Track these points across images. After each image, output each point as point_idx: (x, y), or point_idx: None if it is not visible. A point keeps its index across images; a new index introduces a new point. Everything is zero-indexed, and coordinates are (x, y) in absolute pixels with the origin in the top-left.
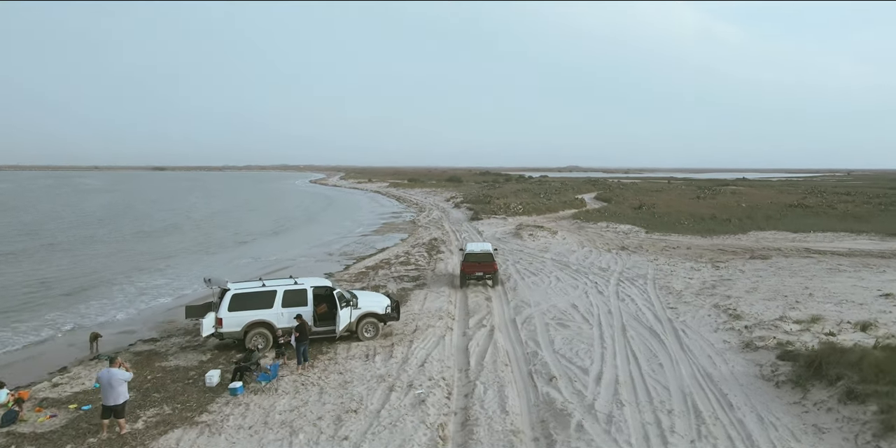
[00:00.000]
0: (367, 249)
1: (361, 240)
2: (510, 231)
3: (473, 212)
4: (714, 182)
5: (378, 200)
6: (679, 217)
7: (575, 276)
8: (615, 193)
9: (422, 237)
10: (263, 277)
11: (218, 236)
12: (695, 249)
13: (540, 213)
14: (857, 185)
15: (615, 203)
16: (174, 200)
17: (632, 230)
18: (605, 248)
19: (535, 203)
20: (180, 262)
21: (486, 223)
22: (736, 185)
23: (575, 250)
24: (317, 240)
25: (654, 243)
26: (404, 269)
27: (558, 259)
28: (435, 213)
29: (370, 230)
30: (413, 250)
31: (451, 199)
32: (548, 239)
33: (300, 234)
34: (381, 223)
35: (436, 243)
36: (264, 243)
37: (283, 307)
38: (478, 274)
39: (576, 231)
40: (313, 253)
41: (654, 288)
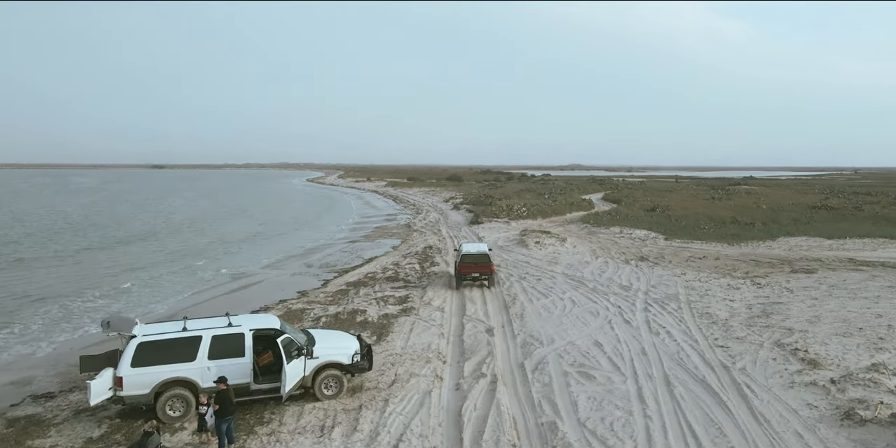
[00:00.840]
0: (352, 260)
1: (349, 247)
2: (514, 237)
3: (473, 214)
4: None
5: (373, 201)
6: (698, 220)
7: (593, 298)
8: (624, 194)
9: (416, 244)
10: (189, 316)
11: (194, 244)
12: (725, 260)
13: (545, 217)
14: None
15: (626, 204)
16: (162, 201)
17: (648, 236)
18: (622, 258)
19: (539, 205)
20: (141, 276)
21: (486, 227)
22: (747, 184)
23: (588, 262)
24: (300, 247)
25: (676, 252)
26: (390, 288)
27: (571, 274)
28: (432, 215)
29: (360, 235)
30: (404, 261)
31: (451, 200)
32: (556, 247)
33: (283, 241)
34: (373, 227)
35: (430, 252)
36: (242, 251)
37: (210, 359)
38: (474, 275)
39: (586, 237)
40: (291, 264)
41: (691, 314)
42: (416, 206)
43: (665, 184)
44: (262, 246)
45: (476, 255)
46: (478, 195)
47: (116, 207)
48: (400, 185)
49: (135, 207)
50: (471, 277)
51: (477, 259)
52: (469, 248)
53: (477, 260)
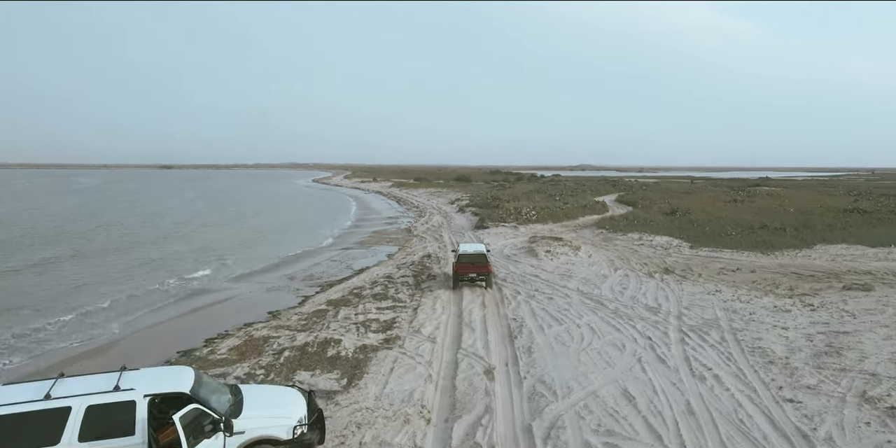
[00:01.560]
0: (340, 270)
1: (340, 256)
2: (522, 245)
3: (479, 218)
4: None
5: (375, 202)
6: (723, 226)
7: (616, 324)
8: (639, 196)
9: (414, 252)
10: (67, 372)
11: (173, 251)
12: (762, 273)
13: (556, 220)
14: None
15: (642, 207)
16: (156, 202)
17: (671, 244)
18: (645, 270)
19: (550, 208)
20: (85, 295)
21: (492, 233)
22: (766, 185)
23: (607, 275)
24: (286, 255)
25: (704, 263)
26: (376, 308)
27: (587, 291)
28: (435, 218)
29: (355, 241)
30: (397, 273)
31: (456, 202)
32: (570, 257)
33: (271, 247)
34: (370, 232)
35: (428, 263)
36: (222, 260)
37: (82, 441)
38: (471, 275)
39: (602, 245)
40: (271, 276)
41: (740, 349)
42: (419, 209)
43: (680, 185)
44: (247, 253)
45: (473, 255)
46: (485, 197)
47: (108, 209)
48: (405, 185)
49: (127, 209)
50: (468, 278)
51: (474, 259)
52: (466, 248)
53: (474, 260)
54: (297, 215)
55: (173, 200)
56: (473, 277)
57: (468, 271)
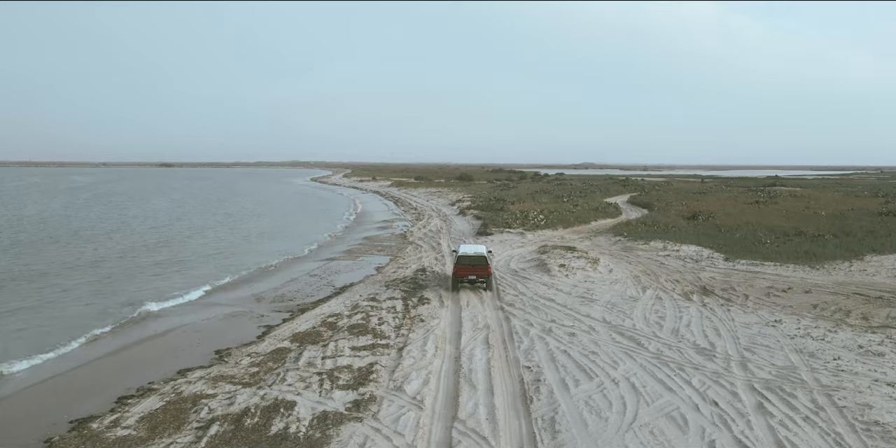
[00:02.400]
0: (318, 289)
1: (322, 268)
2: (531, 256)
3: (482, 222)
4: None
5: (372, 204)
6: (753, 232)
7: (664, 377)
8: (653, 197)
9: (406, 264)
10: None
11: (142, 262)
12: (819, 294)
13: (567, 226)
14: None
15: (659, 210)
16: (142, 204)
17: (702, 255)
18: (679, 289)
19: (559, 211)
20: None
21: (497, 240)
22: (782, 184)
23: (636, 297)
24: (262, 266)
25: (747, 280)
26: (351, 348)
27: (618, 323)
28: (434, 222)
29: (342, 250)
30: (384, 294)
31: (457, 203)
32: (588, 272)
33: (247, 256)
34: (361, 238)
35: (422, 280)
36: (187, 273)
37: None
38: (471, 277)
39: (622, 256)
40: (236, 295)
41: (848, 424)
42: (417, 211)
43: (690, 184)
44: (219, 264)
45: (473, 257)
46: (487, 198)
47: (87, 212)
48: (405, 185)
49: (108, 212)
50: (468, 280)
51: (474, 261)
52: (466, 249)
53: (474, 262)
54: (286, 218)
55: (161, 201)
56: (473, 280)
57: (468, 273)
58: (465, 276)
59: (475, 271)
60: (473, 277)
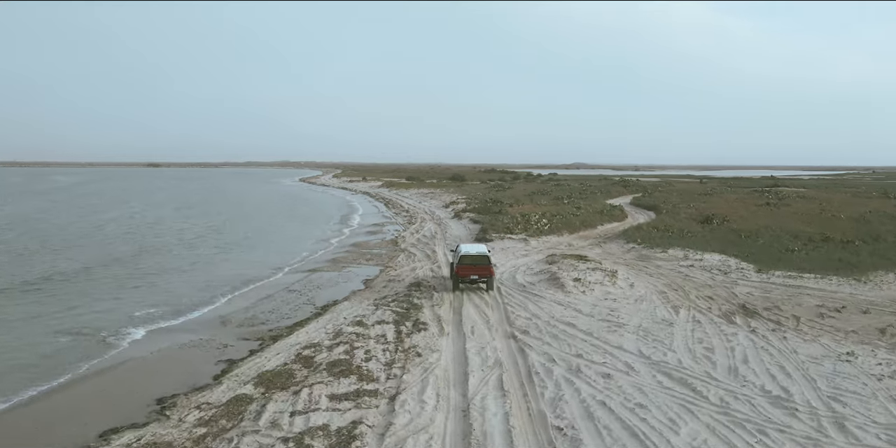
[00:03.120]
0: (295, 309)
1: (302, 283)
2: (539, 267)
3: (480, 227)
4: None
5: (361, 206)
6: (777, 238)
7: (742, 444)
8: (657, 198)
9: (399, 277)
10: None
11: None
12: (879, 314)
13: (573, 230)
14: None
15: (667, 213)
16: (118, 206)
17: (729, 265)
18: (716, 309)
19: (562, 214)
20: None
21: (498, 247)
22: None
23: (670, 320)
24: (235, 280)
25: (790, 297)
26: (329, 398)
27: (659, 358)
28: (427, 226)
29: (326, 259)
30: (372, 317)
31: (451, 206)
32: (607, 288)
33: (220, 269)
34: (348, 244)
35: (417, 297)
36: (152, 288)
37: None
38: (472, 277)
39: (640, 266)
40: (198, 320)
41: None
42: (409, 214)
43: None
44: (187, 278)
45: (475, 257)
46: (483, 199)
47: (55, 216)
48: (396, 185)
49: (78, 216)
50: (469, 280)
51: (476, 261)
52: (468, 248)
53: (476, 261)
54: (268, 223)
55: (138, 204)
56: (475, 279)
57: (469, 273)
58: (466, 275)
59: (477, 271)
60: (475, 277)
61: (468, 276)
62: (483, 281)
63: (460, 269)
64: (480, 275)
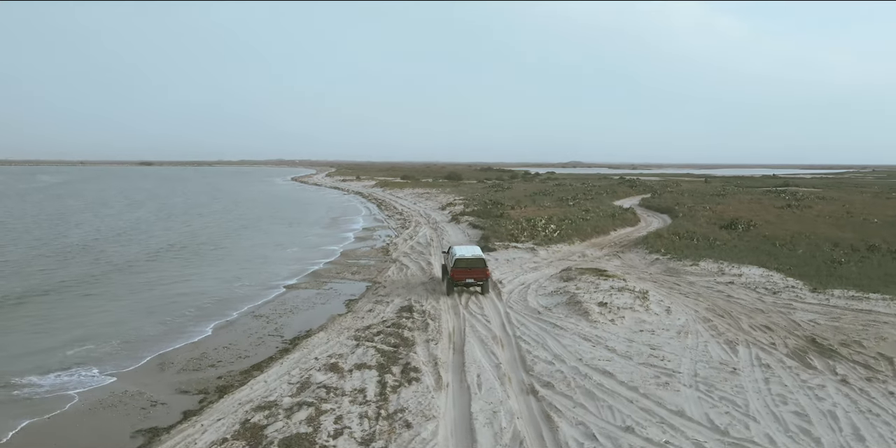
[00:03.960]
0: (256, 344)
1: (272, 304)
2: (553, 285)
3: (481, 233)
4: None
5: (352, 208)
6: (816, 245)
7: None
8: (669, 200)
9: (387, 297)
10: None
11: (40, 301)
12: None
13: (584, 237)
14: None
15: (684, 217)
16: (94, 208)
17: (774, 282)
18: (778, 344)
19: (571, 219)
20: None
21: (503, 258)
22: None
23: (730, 364)
24: (195, 302)
25: (864, 326)
26: None
27: (743, 436)
28: (422, 231)
29: (308, 272)
30: (351, 358)
31: (448, 207)
32: (639, 313)
33: (179, 287)
34: (337, 252)
35: (410, 327)
36: (92, 316)
37: None
38: (468, 280)
39: (670, 282)
40: (132, 362)
41: None
42: (402, 216)
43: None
44: (137, 301)
45: (471, 260)
46: (482, 200)
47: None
48: (390, 185)
49: (48, 221)
50: (464, 283)
51: (472, 264)
52: (462, 251)
53: (472, 264)
54: (250, 228)
55: (118, 205)
56: (470, 283)
57: (464, 277)
58: (462, 279)
59: (473, 274)
60: (471, 280)
61: (463, 279)
62: (479, 284)
63: (455, 272)
64: (476, 278)
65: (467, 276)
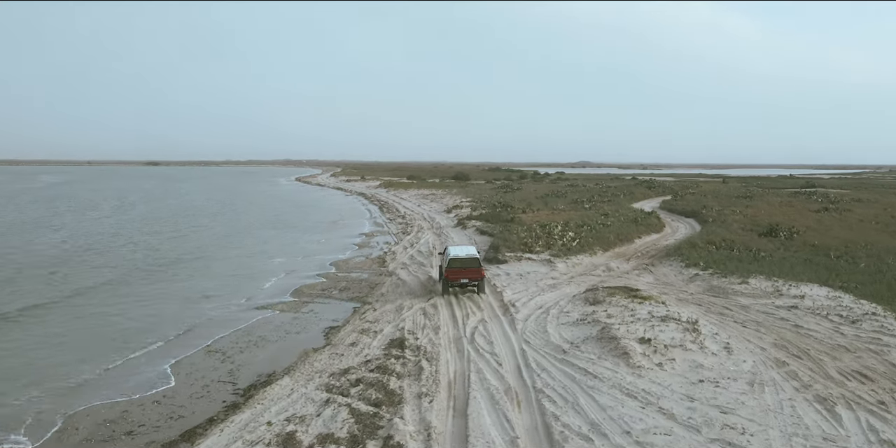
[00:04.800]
0: (200, 396)
1: (235, 335)
2: (578, 310)
3: (490, 240)
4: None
5: (353, 210)
6: (879, 257)
7: None
8: (692, 202)
9: (375, 326)
10: None
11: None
12: None
13: (607, 246)
14: None
15: (714, 222)
16: (80, 211)
17: (843, 304)
18: (890, 403)
19: (590, 224)
20: None
21: (515, 272)
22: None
23: (839, 440)
24: (146, 332)
25: None
26: None
27: None
28: (425, 237)
29: (289, 288)
30: (314, 424)
31: (455, 210)
32: (692, 354)
33: (137, 310)
34: (323, 264)
35: (401, 369)
36: (25, 355)
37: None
38: (463, 281)
39: (718, 306)
40: (28, 422)
41: None
42: (405, 220)
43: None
44: (68, 333)
45: (465, 260)
46: (491, 202)
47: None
48: (395, 185)
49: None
50: (459, 284)
51: (466, 263)
52: (456, 251)
53: (466, 264)
54: (240, 234)
55: (106, 207)
56: (465, 283)
57: (459, 277)
58: (456, 279)
59: (467, 274)
60: (465, 280)
61: (458, 279)
62: (474, 284)
63: (450, 272)
64: (471, 278)
65: (462, 275)
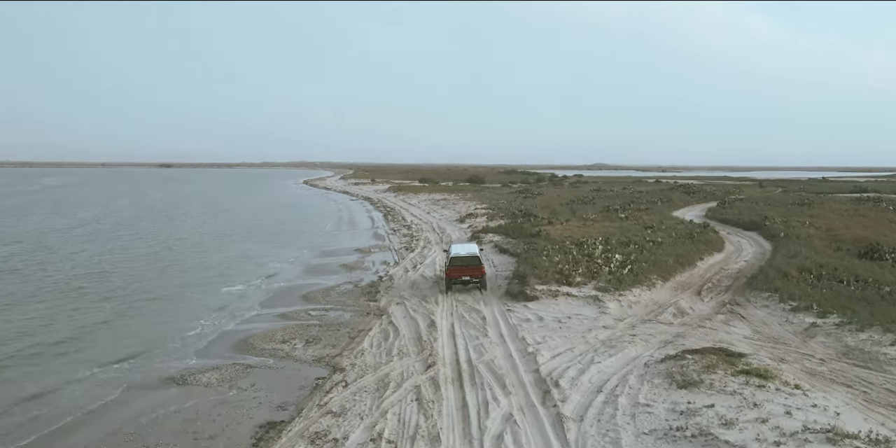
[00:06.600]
0: None
1: (162, 399)
2: (660, 398)
3: (514, 262)
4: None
5: (354, 218)
6: None
7: None
8: (745, 211)
9: (344, 418)
10: None
11: None
12: None
13: (665, 273)
14: None
15: (788, 238)
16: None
17: None
18: None
19: (636, 241)
20: None
21: (548, 316)
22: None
23: None
24: (31, 417)
25: None
26: None
27: None
28: (432, 255)
29: (241, 335)
30: None
31: (469, 219)
32: None
33: (57, 364)
34: (294, 296)
35: None
36: None
37: None
38: (464, 278)
39: (876, 388)
40: None
41: None
42: (410, 231)
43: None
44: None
45: (466, 258)
46: (510, 209)
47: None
48: (405, 189)
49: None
50: (461, 282)
51: (467, 261)
52: (458, 249)
53: (467, 262)
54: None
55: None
56: (467, 281)
57: (461, 275)
58: (458, 277)
59: (469, 272)
60: (467, 278)
61: (460, 277)
62: (475, 281)
63: (451, 270)
64: (472, 276)
65: (464, 273)
